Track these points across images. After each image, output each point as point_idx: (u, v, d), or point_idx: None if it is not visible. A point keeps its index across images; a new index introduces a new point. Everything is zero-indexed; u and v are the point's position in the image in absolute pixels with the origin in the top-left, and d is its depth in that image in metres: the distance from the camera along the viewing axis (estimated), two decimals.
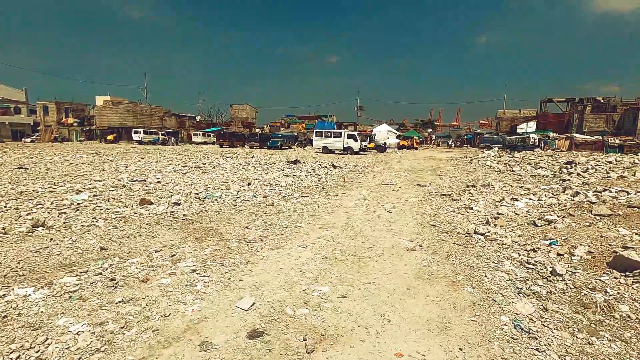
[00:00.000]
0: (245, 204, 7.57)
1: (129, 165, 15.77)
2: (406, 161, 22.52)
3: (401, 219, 6.49)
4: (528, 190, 9.87)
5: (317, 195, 9.02)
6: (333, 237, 5.11)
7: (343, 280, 3.57)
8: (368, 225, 5.89)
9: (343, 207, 7.42)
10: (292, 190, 9.62)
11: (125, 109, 46.34)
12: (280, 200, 7.98)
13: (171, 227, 5.38)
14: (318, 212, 6.86)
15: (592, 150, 36.50)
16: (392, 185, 11.23)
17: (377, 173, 15.06)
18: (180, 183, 10.45)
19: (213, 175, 12.52)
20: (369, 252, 4.46)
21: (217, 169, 14.90)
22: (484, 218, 6.61)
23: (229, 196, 8.38)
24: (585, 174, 13.35)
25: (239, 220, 6.05)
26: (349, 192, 9.67)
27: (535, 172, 14.79)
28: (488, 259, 4.28)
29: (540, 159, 18.71)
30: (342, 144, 28.77)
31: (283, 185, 10.53)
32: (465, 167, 17.83)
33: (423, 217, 6.62)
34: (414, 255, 4.39)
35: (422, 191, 10.11)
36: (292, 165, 17.25)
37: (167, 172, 13.47)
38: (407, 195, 9.39)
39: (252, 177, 12.08)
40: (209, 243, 4.68)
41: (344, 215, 6.63)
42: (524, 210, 7.29)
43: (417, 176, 13.99)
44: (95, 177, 11.16)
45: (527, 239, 5.13)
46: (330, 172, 14.54)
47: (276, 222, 5.98)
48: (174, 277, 3.53)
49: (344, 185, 11.00)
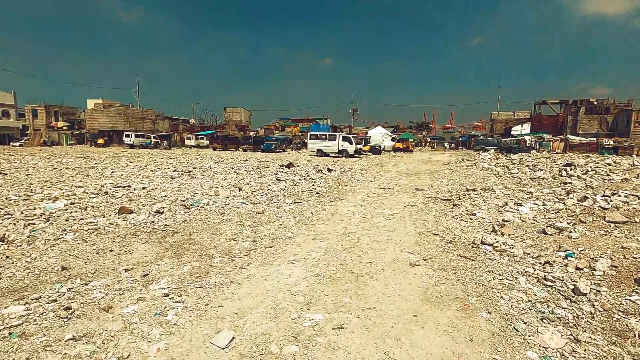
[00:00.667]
0: (234, 211, 7.06)
1: (116, 170, 15.16)
2: (402, 164, 22.14)
3: (401, 227, 6.03)
4: (531, 194, 9.49)
5: (311, 201, 8.53)
6: (328, 250, 4.62)
7: (339, 305, 3.08)
8: (366, 236, 5.42)
9: (338, 215, 6.95)
10: (285, 196, 9.13)
11: (116, 112, 45.51)
12: (272, 207, 7.48)
13: (148, 240, 4.85)
14: (312, 221, 6.37)
15: (586, 151, 36.50)
16: (390, 190, 10.79)
17: (373, 176, 14.63)
18: (167, 189, 9.91)
19: (203, 180, 11.99)
20: (368, 268, 3.98)
21: (207, 174, 14.36)
22: (489, 225, 6.18)
23: (217, 203, 7.87)
24: (586, 176, 13.02)
25: (225, 230, 5.54)
26: (344, 198, 9.21)
27: (534, 174, 14.45)
28: (501, 275, 3.83)
29: (538, 161, 18.42)
30: (337, 146, 28.35)
31: (275, 190, 10.04)
32: (463, 170, 17.48)
33: (424, 225, 6.17)
34: (419, 271, 3.92)
35: (420, 196, 9.68)
36: (286, 169, 16.75)
37: (155, 177, 12.90)
38: (406, 200, 8.95)
39: (243, 182, 11.56)
40: (188, 259, 4.17)
41: (339, 224, 6.15)
42: (530, 216, 6.88)
43: (415, 179, 13.58)
44: (77, 183, 10.56)
45: (539, 250, 4.69)
46: (324, 176, 14.08)
47: (266, 232, 5.49)
48: (142, 304, 3.01)
49: (339, 190, 10.53)
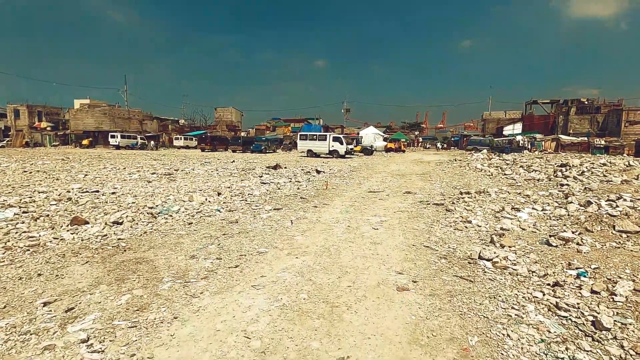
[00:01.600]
0: (205, 220, 6.35)
1: (91, 172, 14.30)
2: (394, 164, 21.57)
3: (389, 238, 5.39)
4: (528, 197, 8.94)
5: (294, 206, 7.86)
6: (302, 270, 3.95)
7: (305, 353, 2.41)
8: (349, 249, 4.76)
9: (321, 223, 6.28)
10: (266, 202, 8.44)
11: (101, 112, 44.26)
12: (248, 215, 6.78)
13: (91, 259, 4.11)
14: (290, 231, 5.70)
15: (578, 151, 36.42)
16: (379, 193, 10.16)
17: (363, 178, 14.00)
18: (139, 194, 9.15)
19: (181, 184, 11.23)
20: (347, 296, 3.32)
21: (189, 176, 13.59)
22: (486, 235, 5.57)
23: (189, 210, 7.15)
24: (582, 177, 12.58)
25: (188, 245, 4.83)
26: (330, 202, 8.55)
27: (528, 175, 13.97)
28: (505, 302, 3.19)
29: (532, 161, 18.00)
30: (327, 147, 27.69)
31: (257, 194, 9.34)
32: (455, 171, 16.96)
33: (415, 235, 5.53)
34: (407, 299, 3.27)
35: (411, 199, 9.06)
36: (272, 170, 16.04)
37: (131, 180, 12.10)
38: (396, 205, 8.33)
39: (224, 186, 10.84)
40: (131, 285, 3.46)
41: (320, 235, 5.49)
42: (530, 223, 6.30)
43: (406, 181, 12.98)
44: (42, 188, 9.73)
45: (546, 266, 4.08)
46: (312, 178, 13.41)
47: (235, 246, 4.79)
48: (46, 356, 2.31)
49: (325, 194, 9.87)
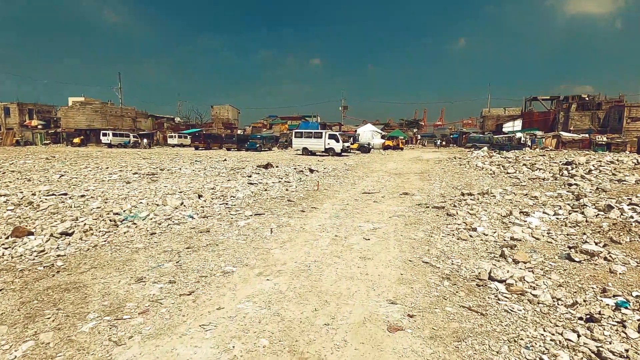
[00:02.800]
0: (172, 229, 5.55)
1: (70, 172, 13.46)
2: (391, 163, 20.78)
3: (382, 251, 4.61)
4: (536, 199, 8.17)
5: (278, 211, 7.07)
6: (271, 299, 3.17)
7: None
8: (333, 267, 3.98)
9: (305, 232, 5.49)
10: (249, 205, 7.65)
11: (93, 110, 43.25)
12: (224, 223, 5.98)
13: (7, 286, 3.31)
14: (268, 242, 4.91)
15: (579, 148, 35.74)
16: (374, 194, 9.38)
17: (358, 178, 13.21)
18: (111, 197, 8.35)
19: (162, 185, 10.42)
20: (322, 341, 2.53)
21: (173, 176, 12.78)
22: (495, 246, 4.80)
23: (160, 216, 6.36)
24: (590, 176, 11.84)
25: (141, 262, 4.04)
26: (319, 206, 7.76)
27: (532, 174, 13.23)
28: (530, 350, 2.42)
29: (536, 159, 17.25)
30: (323, 145, 26.87)
31: (240, 197, 8.54)
32: (455, 170, 16.19)
33: (412, 247, 4.75)
34: (400, 345, 2.49)
35: (409, 202, 8.29)
36: (263, 170, 15.23)
37: (109, 181, 11.28)
38: (392, 208, 7.55)
39: (207, 187, 10.04)
40: (42, 325, 2.66)
41: (302, 248, 4.70)
42: (543, 231, 5.53)
43: (403, 181, 12.20)
44: (5, 191, 8.91)
45: (573, 291, 3.32)
46: (304, 178, 12.61)
47: (197, 264, 4.01)
48: None
49: (315, 196, 9.08)
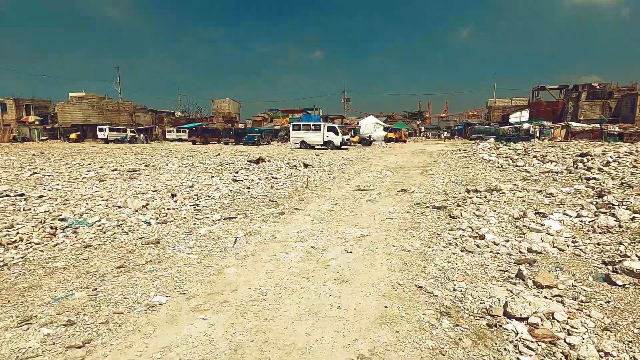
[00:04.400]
0: (115, 240, 4.63)
1: (47, 169, 12.61)
2: (392, 156, 19.73)
3: (365, 269, 3.66)
4: (552, 196, 7.15)
5: (254, 214, 6.13)
6: (192, 356, 2.23)
7: None
8: (296, 297, 3.03)
9: (277, 242, 4.55)
10: (222, 207, 6.71)
11: (89, 105, 42.49)
12: (182, 231, 5.05)
13: None
14: (225, 258, 3.97)
15: (589, 139, 34.32)
16: (369, 192, 8.41)
17: (354, 173, 12.23)
18: (73, 198, 7.46)
19: (137, 184, 9.52)
20: None
21: (156, 173, 11.89)
22: (508, 261, 3.82)
23: (113, 221, 5.45)
24: (608, 168, 10.74)
25: (45, 291, 3.11)
26: (304, 207, 6.81)
27: (544, 167, 12.14)
28: None
29: (547, 150, 16.11)
30: (321, 138, 25.83)
31: (216, 197, 7.61)
32: (460, 163, 15.12)
33: (404, 264, 3.79)
34: None
35: (407, 201, 7.30)
36: (254, 165, 14.29)
37: (84, 179, 10.41)
38: (386, 209, 6.57)
39: (186, 185, 9.12)
40: None
41: (265, 266, 3.76)
42: (567, 239, 4.53)
43: (403, 176, 11.20)
44: None
45: (626, 339, 2.35)
46: (295, 174, 11.65)
47: (118, 293, 3.08)
48: None
49: (303, 194, 8.13)
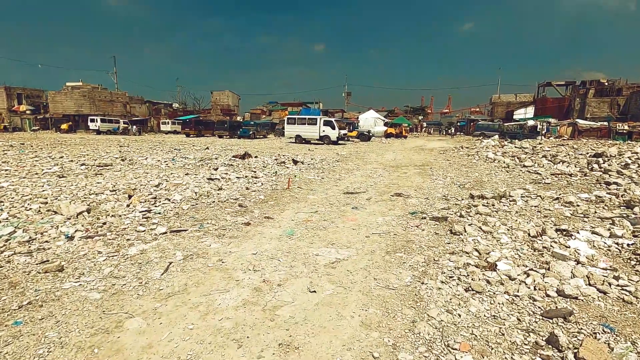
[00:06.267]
0: (11, 264, 3.53)
1: (9, 162, 11.51)
2: (390, 153, 18.55)
3: (328, 327, 2.54)
4: (571, 206, 6.03)
5: (211, 225, 5.03)
6: None
7: None
8: None
9: (220, 271, 3.44)
10: (179, 214, 5.61)
11: (81, 95, 41.23)
12: (106, 252, 3.94)
13: None
14: (140, 297, 2.88)
15: (597, 137, 33.09)
16: (358, 195, 7.29)
17: (346, 172, 11.09)
18: (8, 198, 6.37)
19: (97, 181, 8.43)
20: None
21: (128, 168, 10.78)
22: (533, 314, 2.72)
23: (30, 232, 4.35)
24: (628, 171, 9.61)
25: None
26: (277, 214, 5.71)
27: (555, 168, 11.02)
28: None
29: (557, 150, 14.93)
30: (317, 132, 24.63)
31: (177, 200, 6.50)
32: (462, 161, 13.98)
33: (386, 315, 2.68)
34: None
35: (400, 208, 6.18)
36: (239, 160, 13.16)
37: (43, 174, 9.32)
38: (374, 218, 5.46)
39: (152, 184, 8.02)
40: None
41: (186, 317, 2.65)
42: (606, 273, 3.42)
43: (399, 176, 10.06)
44: None
45: None
46: (282, 172, 10.53)
47: None
48: None
49: (281, 197, 7.02)
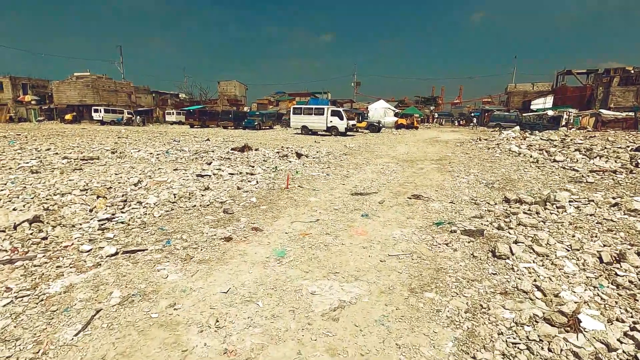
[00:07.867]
0: None
1: None
2: (402, 145, 17.22)
3: None
4: (638, 215, 4.78)
5: (181, 240, 3.94)
6: None
7: None
8: None
9: (164, 330, 2.34)
10: (147, 223, 4.54)
11: (84, 84, 40.49)
12: (18, 287, 2.88)
13: None
14: None
15: (622, 128, 31.13)
16: (369, 197, 6.13)
17: (355, 167, 9.89)
18: None
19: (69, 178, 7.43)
20: None
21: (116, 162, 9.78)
22: None
23: None
24: None
25: None
26: (268, 225, 4.59)
27: (593, 164, 9.66)
28: None
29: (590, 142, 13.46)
30: (324, 122, 23.34)
31: (150, 203, 5.42)
32: (483, 155, 12.64)
33: None
34: None
35: (421, 216, 5.00)
36: (238, 153, 12.07)
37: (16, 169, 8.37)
38: (390, 231, 4.30)
39: (131, 181, 6.97)
40: None
41: None
42: None
43: (415, 173, 8.83)
44: None
45: None
46: (283, 167, 9.40)
47: None
48: None
49: (277, 200, 5.89)
